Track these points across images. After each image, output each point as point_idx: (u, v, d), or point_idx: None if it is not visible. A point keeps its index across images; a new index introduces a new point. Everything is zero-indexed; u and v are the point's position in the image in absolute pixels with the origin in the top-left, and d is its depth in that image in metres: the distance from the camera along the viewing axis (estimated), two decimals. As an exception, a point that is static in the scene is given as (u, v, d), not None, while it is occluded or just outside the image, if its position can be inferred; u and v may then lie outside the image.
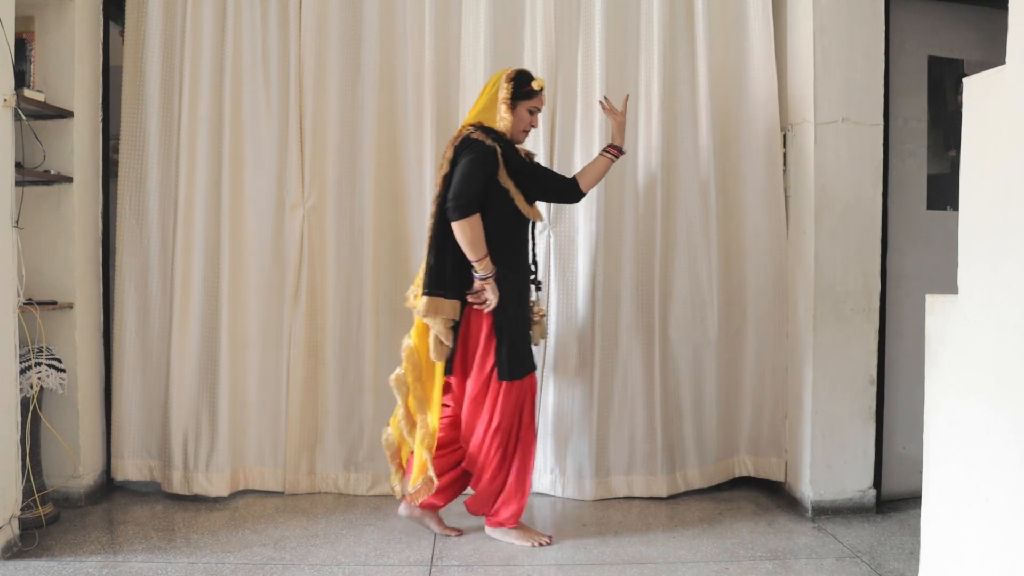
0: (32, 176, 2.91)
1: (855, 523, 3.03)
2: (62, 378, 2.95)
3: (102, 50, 3.25)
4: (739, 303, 3.41)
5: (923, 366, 2.12)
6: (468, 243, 2.66)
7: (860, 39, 3.07)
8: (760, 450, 3.41)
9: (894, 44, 3.15)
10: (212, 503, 3.21)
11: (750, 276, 3.39)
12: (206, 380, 3.26)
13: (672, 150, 3.31)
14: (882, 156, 3.10)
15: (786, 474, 3.33)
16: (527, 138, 2.93)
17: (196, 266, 3.25)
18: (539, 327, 2.94)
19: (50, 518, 2.88)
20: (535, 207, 2.89)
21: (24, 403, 2.77)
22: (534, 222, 2.93)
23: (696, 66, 3.33)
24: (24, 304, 2.78)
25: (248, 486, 3.35)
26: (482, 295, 2.73)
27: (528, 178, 2.85)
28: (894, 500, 3.23)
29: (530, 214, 2.85)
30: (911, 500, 3.21)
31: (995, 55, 1.96)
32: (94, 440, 3.23)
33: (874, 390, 3.12)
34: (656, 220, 3.29)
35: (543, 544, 2.80)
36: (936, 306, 2.08)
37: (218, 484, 3.23)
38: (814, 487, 3.11)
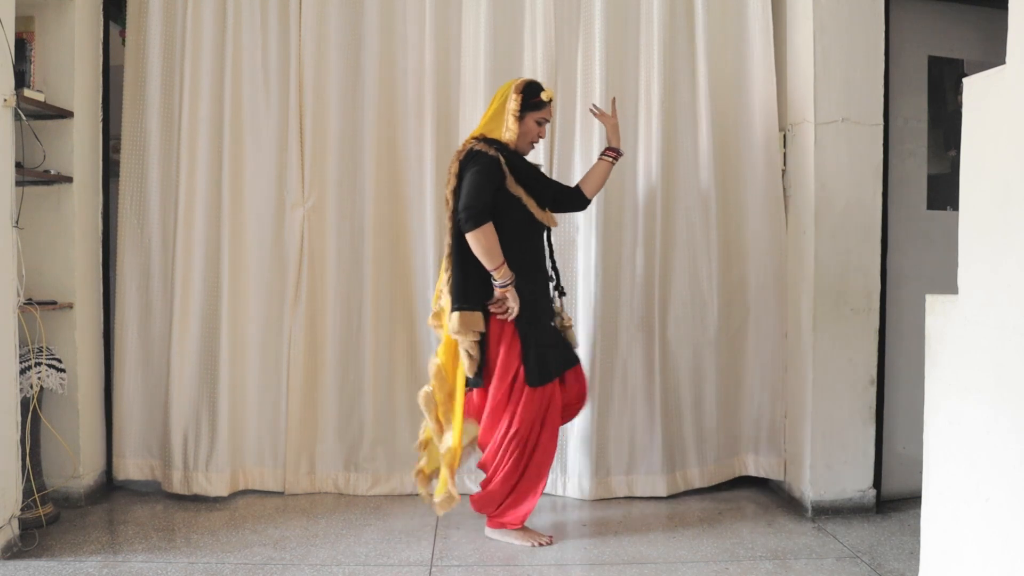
0: (32, 176, 2.91)
1: (855, 523, 3.03)
2: (62, 378, 2.95)
3: (102, 50, 3.25)
4: (739, 303, 3.41)
5: (923, 366, 2.11)
6: (484, 252, 2.66)
7: (860, 39, 3.07)
8: (760, 450, 3.41)
9: (894, 44, 3.15)
10: (212, 503, 3.21)
11: (750, 276, 3.39)
12: (206, 380, 3.26)
13: (672, 150, 3.31)
14: (882, 156, 3.10)
15: (786, 474, 3.33)
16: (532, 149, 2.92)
17: (196, 266, 3.25)
18: (571, 333, 2.94)
19: (50, 518, 2.88)
20: (548, 213, 2.88)
21: (24, 403, 2.77)
22: (550, 229, 2.92)
23: (696, 66, 3.33)
24: (24, 304, 2.78)
25: (248, 486, 3.34)
26: (504, 304, 2.72)
27: (538, 183, 2.85)
28: (894, 500, 3.23)
29: (545, 219, 2.84)
30: (911, 500, 3.21)
31: (995, 55, 1.96)
32: (94, 440, 3.23)
33: (874, 390, 3.12)
34: (656, 220, 3.29)
35: (543, 544, 2.80)
36: (936, 306, 2.07)
37: (218, 484, 3.23)
38: (814, 487, 3.11)
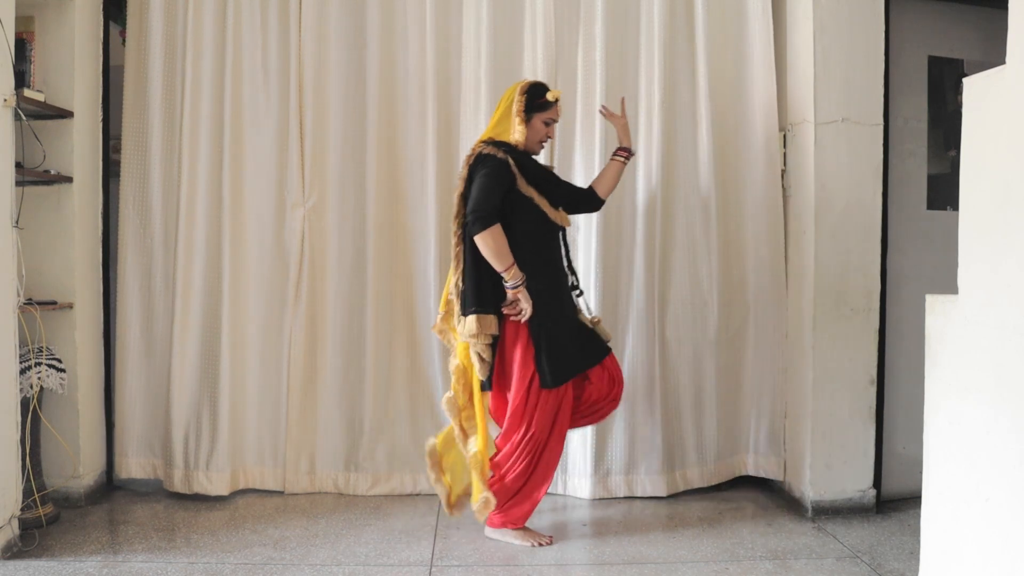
0: (32, 176, 2.91)
1: (855, 523, 3.03)
2: (62, 378, 2.95)
3: (102, 50, 3.24)
4: (739, 303, 3.41)
5: (923, 366, 2.11)
6: (493, 254, 2.66)
7: (860, 39, 3.07)
8: (760, 450, 3.41)
9: (894, 44, 3.15)
10: (212, 503, 3.21)
11: (750, 276, 3.39)
12: (207, 379, 3.27)
13: (672, 150, 3.31)
14: (882, 156, 3.10)
15: (786, 474, 3.33)
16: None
17: (197, 265, 3.26)
18: (602, 328, 2.93)
19: (50, 518, 2.88)
20: (562, 213, 2.88)
21: (24, 403, 2.77)
22: (564, 229, 2.92)
23: (696, 66, 3.32)
24: (24, 304, 2.78)
25: (248, 485, 3.35)
26: (517, 305, 2.72)
27: (550, 183, 2.85)
28: (894, 500, 3.23)
29: (558, 219, 2.84)
30: (911, 500, 3.21)
31: (995, 55, 1.96)
32: (94, 440, 3.23)
33: (874, 390, 3.12)
34: (656, 220, 3.29)
35: (543, 545, 2.80)
36: (936, 306, 2.07)
37: (218, 483, 3.23)
38: (814, 487, 3.11)
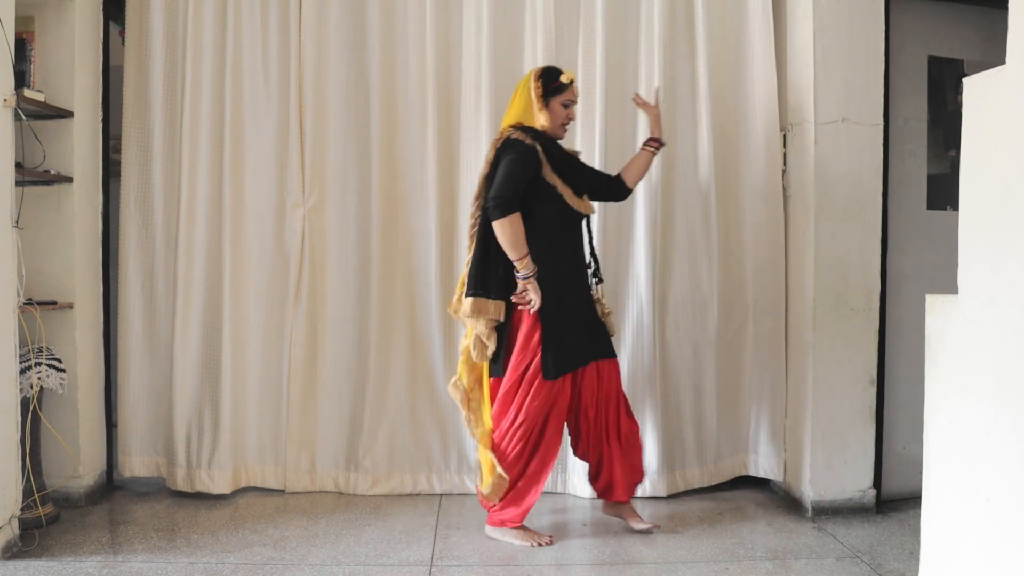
0: (32, 176, 2.91)
1: (855, 523, 3.03)
2: (62, 378, 2.95)
3: (102, 50, 3.24)
4: (739, 303, 3.40)
5: (923, 366, 2.11)
6: (508, 242, 2.67)
7: (860, 39, 3.07)
8: (760, 450, 3.41)
9: (894, 44, 3.15)
10: (212, 503, 3.21)
11: (750, 276, 3.39)
12: (208, 378, 3.27)
13: (672, 150, 3.30)
14: (882, 156, 3.10)
15: (786, 474, 3.33)
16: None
17: (198, 265, 3.26)
18: (610, 320, 2.94)
19: (50, 518, 2.88)
20: (586, 201, 2.87)
21: (24, 403, 2.77)
22: (588, 217, 2.92)
23: (696, 66, 3.32)
24: (24, 304, 2.77)
25: (249, 483, 3.36)
26: (526, 296, 2.72)
27: (575, 171, 2.85)
28: (894, 500, 3.23)
29: (581, 208, 2.83)
30: (911, 500, 3.20)
31: (995, 55, 1.96)
32: (94, 440, 3.23)
33: (874, 390, 3.12)
34: (656, 220, 3.28)
35: (543, 545, 2.79)
36: (936, 306, 2.07)
37: (220, 482, 3.24)
38: (814, 487, 3.11)
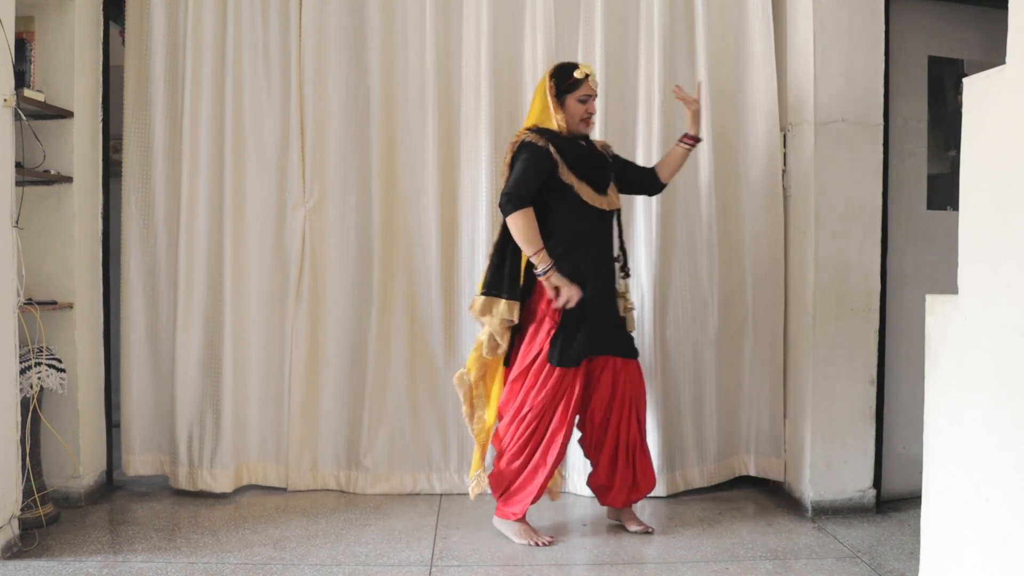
0: (32, 176, 2.91)
1: (855, 523, 3.03)
2: (62, 378, 2.95)
3: (102, 50, 3.24)
4: (739, 303, 3.40)
5: (923, 366, 2.11)
6: (522, 237, 2.68)
7: (860, 39, 3.07)
8: (760, 450, 3.41)
9: (894, 44, 3.15)
10: (212, 503, 3.21)
11: (750, 276, 3.39)
12: (210, 378, 3.28)
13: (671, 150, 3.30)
14: (882, 156, 3.10)
15: (786, 474, 3.33)
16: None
17: (199, 264, 3.27)
18: (630, 316, 2.93)
19: (50, 518, 2.88)
20: (609, 196, 2.85)
21: (24, 403, 2.77)
22: (617, 211, 2.90)
23: (696, 66, 3.32)
24: (24, 304, 2.77)
25: (251, 481, 3.37)
26: (560, 295, 2.69)
27: (595, 167, 2.83)
28: (894, 500, 3.23)
29: (602, 204, 2.81)
30: (911, 500, 3.20)
31: (995, 55, 1.96)
32: (94, 440, 3.23)
33: (874, 390, 3.12)
34: (656, 220, 3.28)
35: (542, 545, 2.79)
36: (936, 306, 2.07)
37: (222, 480, 3.25)
38: (814, 487, 3.11)
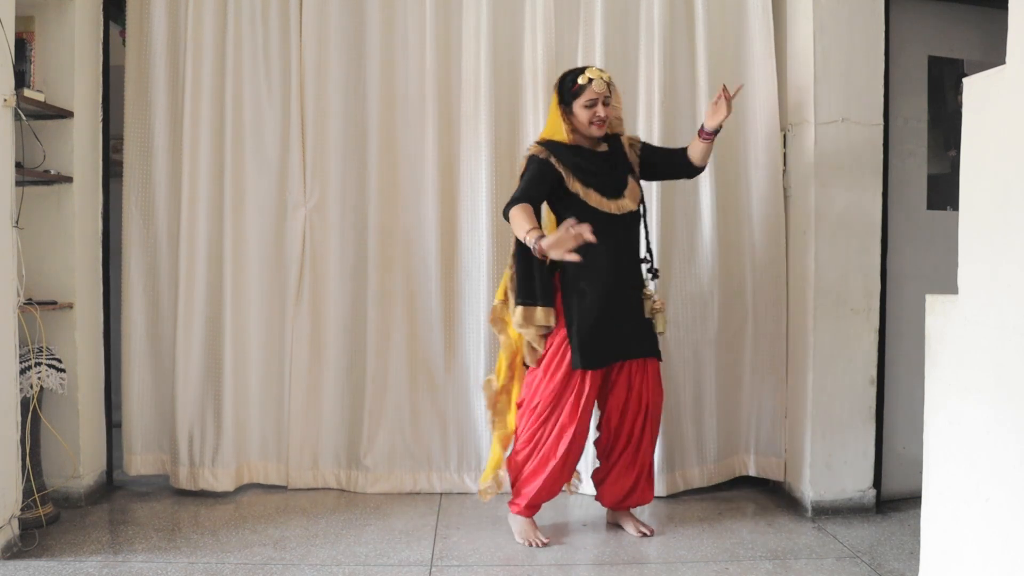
0: (32, 176, 2.91)
1: (855, 523, 3.03)
2: (62, 378, 2.95)
3: (102, 50, 3.24)
4: (739, 303, 3.40)
5: (923, 366, 2.11)
6: (516, 223, 2.64)
7: (860, 39, 3.07)
8: (760, 450, 3.41)
9: (894, 44, 3.15)
10: (212, 502, 3.21)
11: (750, 276, 3.39)
12: (210, 378, 3.28)
13: (672, 150, 3.31)
14: (882, 156, 3.10)
15: (786, 474, 3.33)
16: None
17: (199, 264, 3.27)
18: (660, 317, 2.90)
19: (50, 518, 2.88)
20: (625, 199, 2.80)
21: (24, 403, 2.77)
22: (633, 214, 2.84)
23: (696, 66, 3.32)
24: (24, 304, 2.77)
25: (252, 480, 3.38)
26: (563, 244, 2.47)
27: (599, 172, 2.79)
28: (894, 500, 3.23)
29: (612, 209, 2.77)
30: (911, 500, 3.20)
31: (995, 55, 1.96)
32: (94, 440, 3.23)
33: (874, 390, 3.12)
34: (656, 220, 3.28)
35: (537, 546, 2.79)
36: (936, 306, 2.07)
37: (224, 479, 3.26)
38: (814, 487, 3.11)
